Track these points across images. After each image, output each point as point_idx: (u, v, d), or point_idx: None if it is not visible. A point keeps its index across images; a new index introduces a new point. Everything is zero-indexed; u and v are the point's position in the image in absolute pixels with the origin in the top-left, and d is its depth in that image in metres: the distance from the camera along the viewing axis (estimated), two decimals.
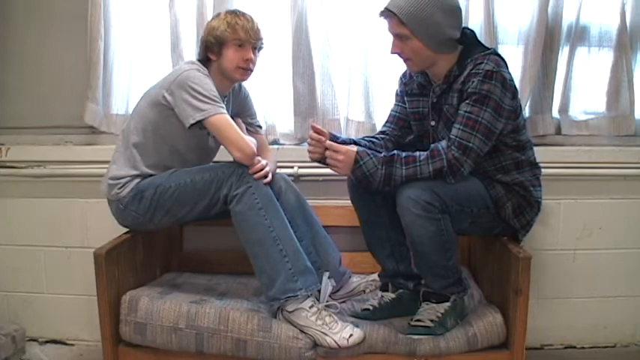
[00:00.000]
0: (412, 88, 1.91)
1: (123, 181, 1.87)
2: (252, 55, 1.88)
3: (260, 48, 1.94)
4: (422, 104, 1.89)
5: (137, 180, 1.87)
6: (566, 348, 2.30)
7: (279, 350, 1.72)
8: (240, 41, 1.86)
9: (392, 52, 1.79)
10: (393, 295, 1.89)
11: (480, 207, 1.76)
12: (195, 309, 1.78)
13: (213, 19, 1.94)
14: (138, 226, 1.93)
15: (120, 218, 1.93)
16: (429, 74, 1.84)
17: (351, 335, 1.70)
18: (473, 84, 1.67)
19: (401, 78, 1.98)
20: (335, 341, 1.69)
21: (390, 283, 1.93)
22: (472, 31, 1.84)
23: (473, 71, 1.69)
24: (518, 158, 1.79)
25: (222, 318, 1.75)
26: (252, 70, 1.91)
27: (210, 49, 1.90)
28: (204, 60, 1.92)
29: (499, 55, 1.75)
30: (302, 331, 1.73)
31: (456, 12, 1.75)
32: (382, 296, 1.90)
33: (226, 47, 1.87)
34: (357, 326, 1.74)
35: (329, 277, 1.87)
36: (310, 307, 1.73)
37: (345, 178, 1.88)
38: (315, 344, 1.72)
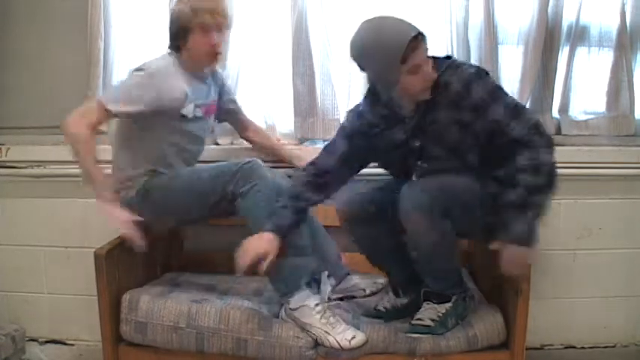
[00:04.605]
0: (374, 123, 1.75)
1: (127, 183, 1.88)
2: (219, 39, 1.84)
3: (228, 27, 1.90)
4: (395, 133, 1.73)
5: (142, 179, 1.87)
6: (566, 348, 2.30)
7: (279, 349, 1.72)
8: (205, 25, 1.81)
9: (422, 93, 1.65)
10: (405, 300, 1.88)
11: (478, 207, 1.74)
12: (195, 308, 1.78)
13: (176, 3, 1.88)
14: (146, 228, 1.93)
15: None
16: (400, 99, 1.69)
17: (353, 337, 1.69)
18: (477, 94, 1.61)
19: (355, 115, 1.80)
20: (337, 341, 1.69)
21: (400, 289, 1.91)
22: None
23: (460, 86, 1.62)
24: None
25: (222, 317, 1.75)
26: (221, 54, 1.89)
27: (178, 37, 1.86)
28: (176, 48, 1.88)
29: (449, 58, 1.72)
30: (304, 330, 1.73)
31: None
32: (395, 299, 1.89)
33: (192, 33, 1.83)
34: (359, 328, 1.74)
35: (328, 276, 1.87)
36: (315, 306, 1.73)
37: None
38: (316, 344, 1.72)
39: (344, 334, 1.70)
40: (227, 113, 2.13)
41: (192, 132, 1.93)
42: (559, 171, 2.13)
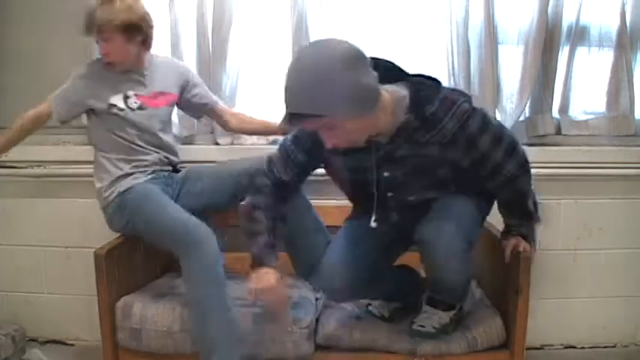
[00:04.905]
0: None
1: (105, 185, 1.91)
2: (106, 49, 1.87)
3: (117, 32, 1.84)
4: (363, 158, 1.58)
5: (117, 184, 1.90)
6: (566, 348, 2.31)
7: (274, 345, 1.74)
8: (95, 37, 1.89)
9: (329, 147, 1.46)
10: (397, 305, 1.85)
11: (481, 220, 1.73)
12: (188, 311, 1.77)
13: None
14: (127, 233, 1.94)
15: (109, 225, 1.96)
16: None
17: None
18: (470, 130, 1.50)
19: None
20: None
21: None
22: (386, 61, 1.55)
23: (457, 125, 1.49)
24: None
25: None
26: (116, 63, 1.90)
27: None
28: None
29: (435, 81, 1.54)
30: (296, 323, 1.74)
31: (359, 55, 1.43)
32: (387, 304, 1.87)
33: None
34: (359, 326, 1.72)
35: None
36: None
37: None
38: (312, 335, 1.73)
39: None
40: (201, 109, 2.13)
41: (134, 121, 1.93)
42: (559, 171, 2.18)
